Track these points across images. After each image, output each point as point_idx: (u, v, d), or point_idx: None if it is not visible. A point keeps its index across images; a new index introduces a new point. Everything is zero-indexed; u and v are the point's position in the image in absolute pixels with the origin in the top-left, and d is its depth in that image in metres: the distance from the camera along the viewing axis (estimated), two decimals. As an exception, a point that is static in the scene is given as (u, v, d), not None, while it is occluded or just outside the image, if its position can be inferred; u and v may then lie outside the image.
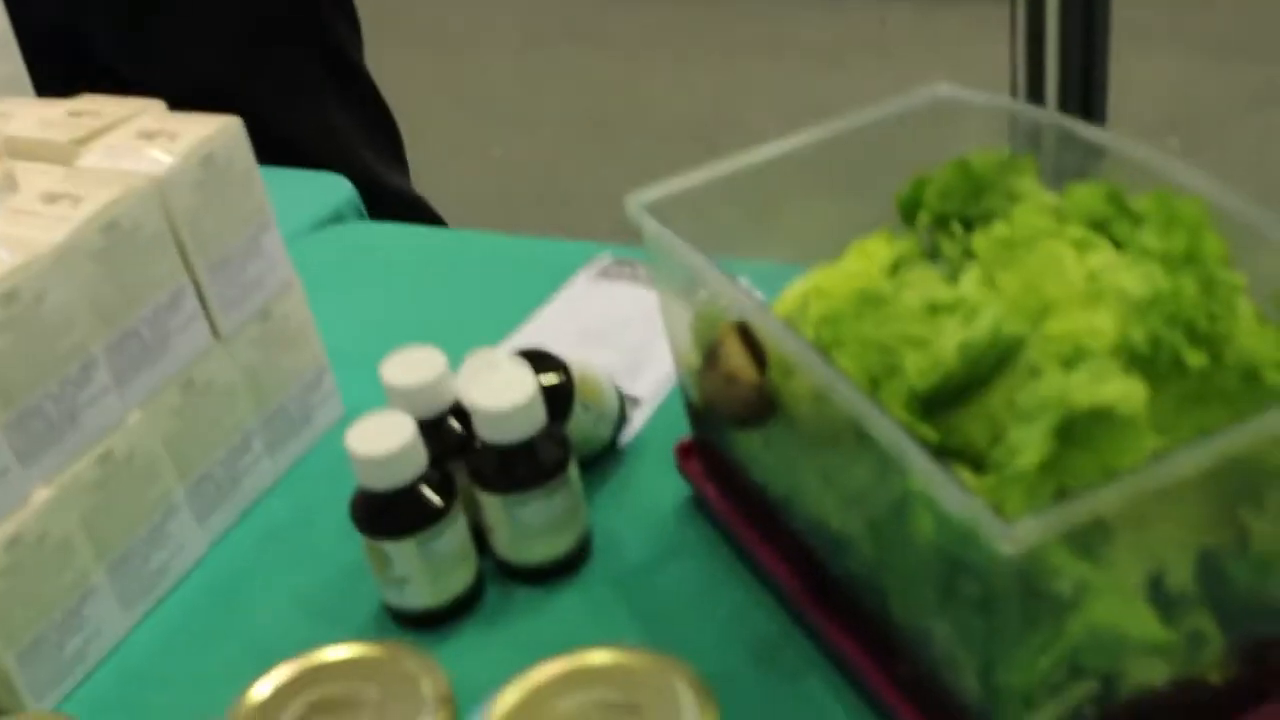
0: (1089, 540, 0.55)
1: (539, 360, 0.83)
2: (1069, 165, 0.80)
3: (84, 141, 0.87)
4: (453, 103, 3.42)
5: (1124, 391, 0.54)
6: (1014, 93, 0.93)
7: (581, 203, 2.89)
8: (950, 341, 0.60)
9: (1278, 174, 2.62)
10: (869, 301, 0.63)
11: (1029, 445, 0.54)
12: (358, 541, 0.79)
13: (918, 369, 0.60)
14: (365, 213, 1.28)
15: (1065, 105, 0.91)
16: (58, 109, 0.91)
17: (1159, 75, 3.01)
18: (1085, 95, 0.90)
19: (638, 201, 0.76)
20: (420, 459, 0.76)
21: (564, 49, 3.63)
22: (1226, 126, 2.80)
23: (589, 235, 2.89)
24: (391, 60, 3.67)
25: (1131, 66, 3.03)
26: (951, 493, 0.53)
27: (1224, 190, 0.69)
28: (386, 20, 3.95)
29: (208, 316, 0.87)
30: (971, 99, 0.81)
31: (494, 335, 1.02)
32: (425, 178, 3.09)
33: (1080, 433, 0.54)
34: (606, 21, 3.75)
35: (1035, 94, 0.91)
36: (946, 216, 0.74)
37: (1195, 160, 0.73)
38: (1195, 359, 0.58)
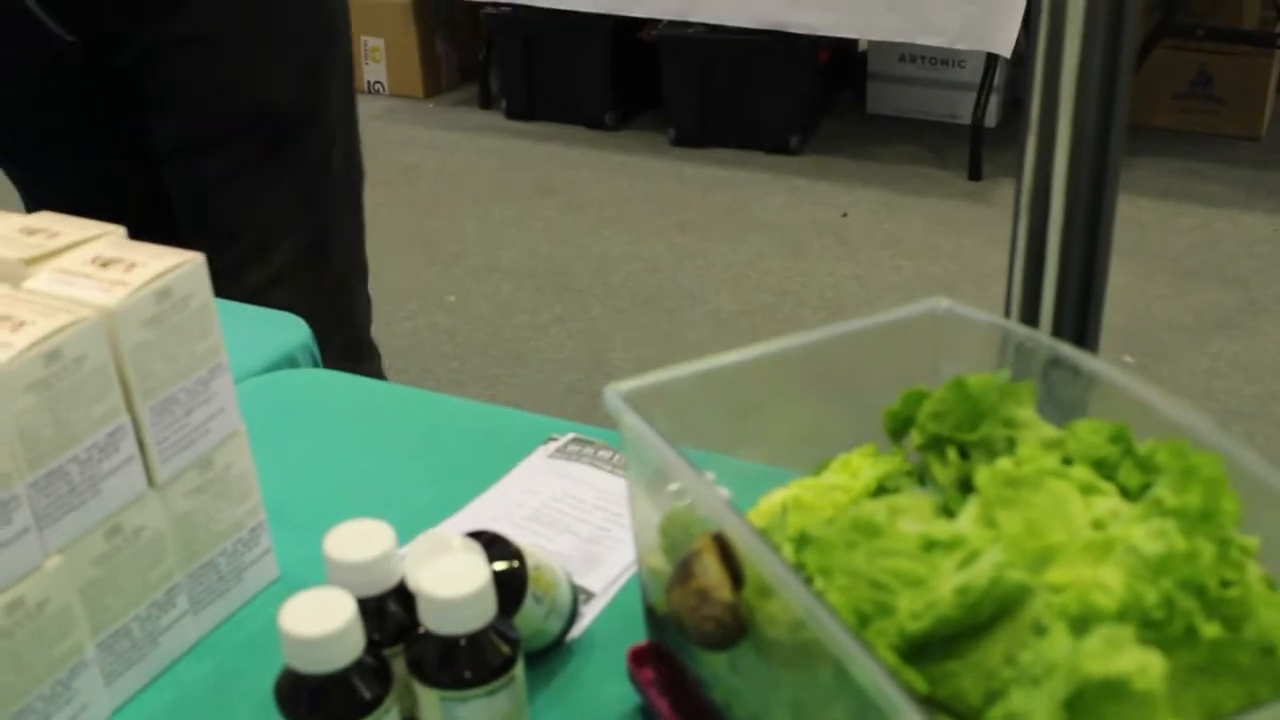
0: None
1: (492, 544, 0.78)
2: (1061, 389, 0.77)
3: (35, 262, 0.82)
4: (414, 245, 3.40)
5: (1141, 664, 0.50)
6: (1008, 309, 0.90)
7: (531, 360, 2.86)
8: (948, 584, 0.56)
9: (1226, 400, 2.62)
10: (862, 530, 0.59)
11: (1035, 713, 0.49)
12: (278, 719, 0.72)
13: (911, 610, 0.56)
14: (319, 359, 1.24)
15: (1060, 323, 0.88)
16: (12, 224, 0.87)
17: (1119, 291, 3.04)
18: (1081, 317, 0.88)
19: (616, 391, 0.72)
20: (356, 644, 0.70)
21: (531, 204, 3.64)
22: (1180, 348, 2.82)
23: (536, 395, 2.84)
24: (365, 198, 3.65)
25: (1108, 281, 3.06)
26: (945, 756, 0.49)
27: (1227, 438, 0.66)
28: (366, 160, 3.96)
29: (144, 461, 0.82)
30: (971, 316, 0.78)
31: (444, 506, 0.97)
32: (377, 317, 3.05)
33: (1088, 705, 0.50)
34: (575, 182, 3.77)
35: (1030, 310, 0.89)
36: (940, 440, 0.70)
37: (1148, 381, 0.71)
38: (1210, 630, 0.54)
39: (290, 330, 1.25)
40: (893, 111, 4.11)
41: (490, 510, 0.96)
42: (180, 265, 0.82)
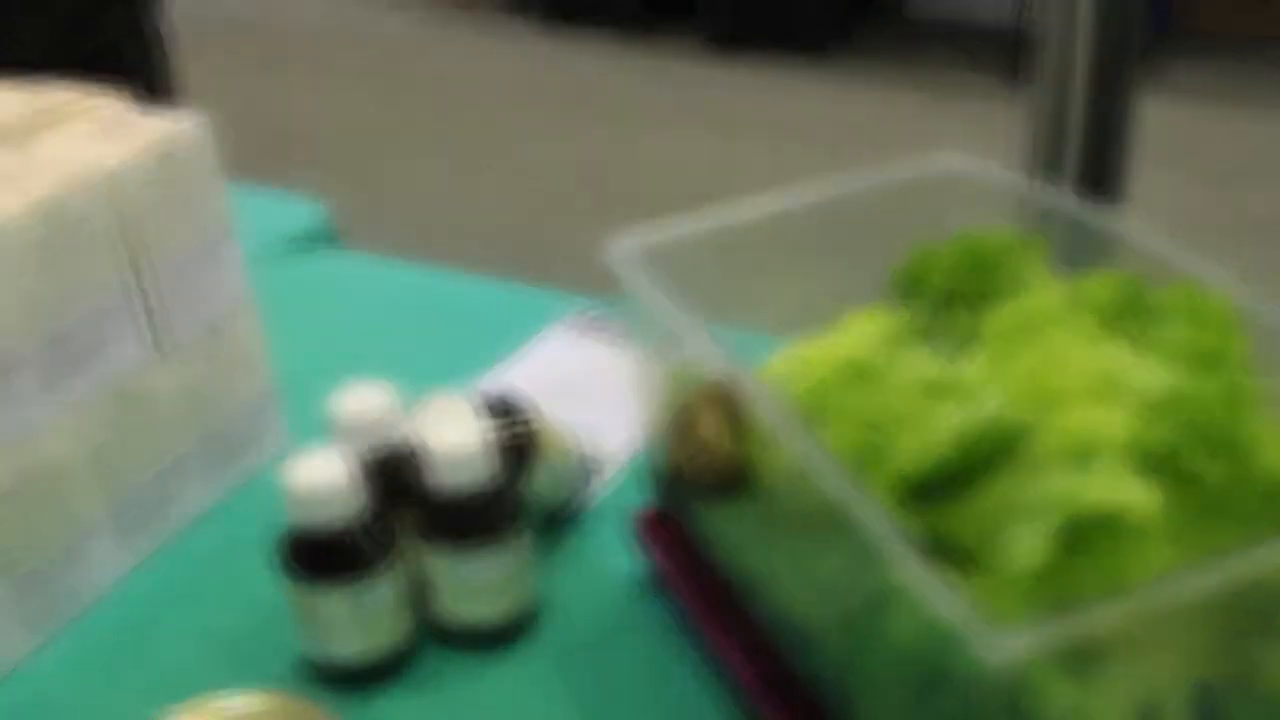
0: (1083, 661, 0.49)
1: (502, 408, 0.77)
2: (1080, 255, 0.75)
3: (41, 128, 0.82)
4: (444, 152, 3.39)
5: (1137, 497, 0.49)
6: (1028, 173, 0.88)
7: (563, 259, 2.84)
8: (947, 425, 0.55)
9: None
10: (860, 373, 0.57)
11: (1028, 547, 0.48)
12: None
13: (909, 452, 0.55)
14: (339, 239, 1.23)
15: (1082, 189, 0.86)
16: (19, 93, 0.86)
17: (1168, 197, 2.99)
18: (1104, 181, 0.85)
19: (618, 248, 0.70)
20: (358, 501, 0.70)
21: (563, 110, 3.61)
22: (1232, 254, 2.76)
23: (568, 290, 2.83)
24: (398, 104, 3.65)
25: (1144, 185, 3.01)
26: (937, 591, 0.48)
27: (1248, 292, 0.65)
28: (399, 65, 3.94)
29: (151, 325, 0.82)
30: (983, 174, 0.76)
31: (462, 381, 0.96)
32: (416, 218, 3.04)
33: (1085, 539, 0.49)
34: (608, 87, 3.73)
35: (1051, 174, 0.86)
36: (947, 295, 0.69)
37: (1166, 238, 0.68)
38: (1214, 470, 0.52)
39: (311, 212, 1.24)
40: (933, 15, 4.04)
41: (505, 382, 0.96)
42: (184, 130, 0.81)
